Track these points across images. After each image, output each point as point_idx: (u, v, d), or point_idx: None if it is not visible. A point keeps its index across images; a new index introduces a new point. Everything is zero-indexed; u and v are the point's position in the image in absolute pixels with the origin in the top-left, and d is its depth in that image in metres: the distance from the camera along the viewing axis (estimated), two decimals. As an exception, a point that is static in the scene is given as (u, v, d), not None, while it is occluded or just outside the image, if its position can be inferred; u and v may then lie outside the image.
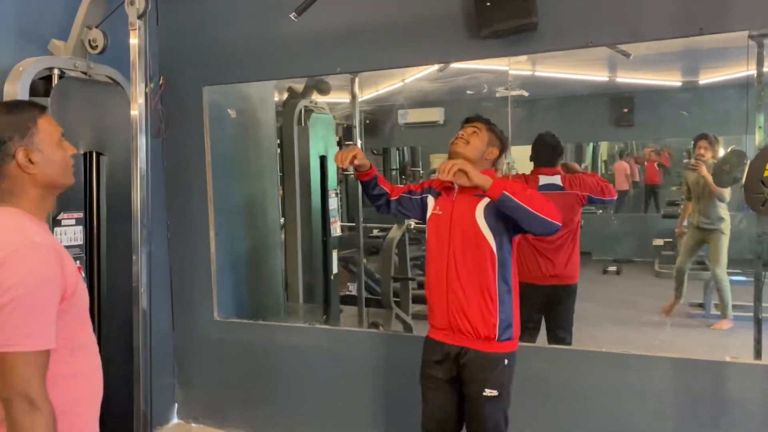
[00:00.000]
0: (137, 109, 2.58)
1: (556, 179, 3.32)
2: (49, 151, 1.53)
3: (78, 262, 2.64)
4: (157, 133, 3.61)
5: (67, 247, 2.59)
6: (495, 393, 2.30)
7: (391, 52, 3.13)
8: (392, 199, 2.57)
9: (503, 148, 2.49)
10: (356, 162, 2.43)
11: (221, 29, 3.50)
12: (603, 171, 7.87)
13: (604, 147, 8.10)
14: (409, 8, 3.07)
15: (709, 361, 2.70)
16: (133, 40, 2.55)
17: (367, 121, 8.25)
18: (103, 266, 2.80)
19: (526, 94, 3.95)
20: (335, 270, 4.54)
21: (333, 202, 4.56)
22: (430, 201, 2.49)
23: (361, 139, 4.59)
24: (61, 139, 1.59)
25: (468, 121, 2.50)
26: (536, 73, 4.32)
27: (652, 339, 4.95)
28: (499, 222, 2.29)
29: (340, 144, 5.82)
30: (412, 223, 5.41)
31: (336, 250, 4.57)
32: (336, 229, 4.54)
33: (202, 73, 3.58)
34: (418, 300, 5.78)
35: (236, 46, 3.46)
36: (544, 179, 3.32)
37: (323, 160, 4.46)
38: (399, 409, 3.19)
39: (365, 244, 6.72)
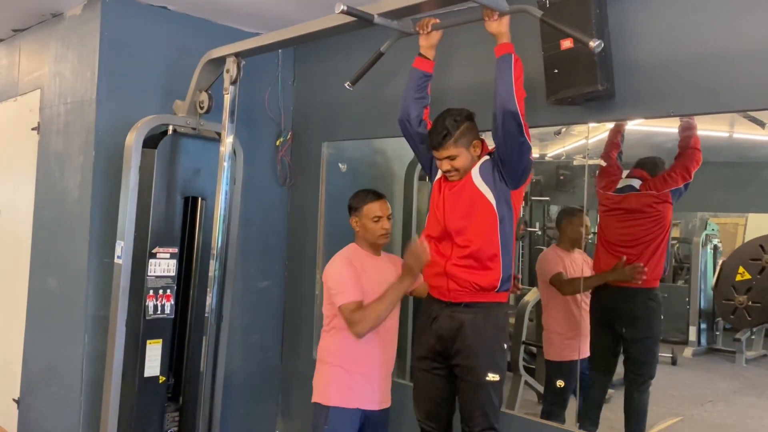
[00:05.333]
0: (223, 160, 2.94)
1: (635, 182, 3.15)
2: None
3: (168, 291, 3.04)
4: (282, 181, 4.02)
5: (159, 277, 3.01)
6: None
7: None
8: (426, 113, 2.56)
9: (474, 124, 2.43)
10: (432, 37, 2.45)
11: (341, 89, 3.78)
12: None
13: None
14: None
15: None
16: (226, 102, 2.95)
17: (561, 177, 8.02)
18: (195, 296, 3.18)
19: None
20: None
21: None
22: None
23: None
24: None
25: (434, 149, 2.42)
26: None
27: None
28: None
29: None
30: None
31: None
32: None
33: (323, 130, 3.90)
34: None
35: (351, 106, 3.71)
36: (624, 181, 3.20)
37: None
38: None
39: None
